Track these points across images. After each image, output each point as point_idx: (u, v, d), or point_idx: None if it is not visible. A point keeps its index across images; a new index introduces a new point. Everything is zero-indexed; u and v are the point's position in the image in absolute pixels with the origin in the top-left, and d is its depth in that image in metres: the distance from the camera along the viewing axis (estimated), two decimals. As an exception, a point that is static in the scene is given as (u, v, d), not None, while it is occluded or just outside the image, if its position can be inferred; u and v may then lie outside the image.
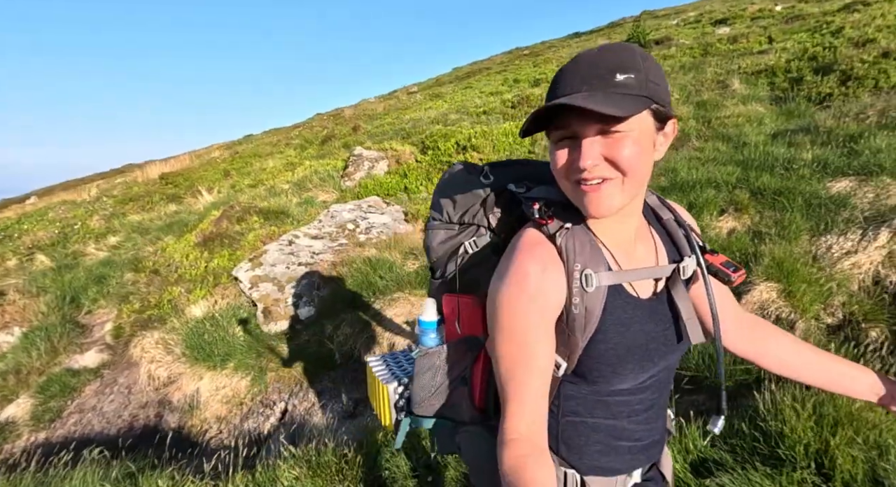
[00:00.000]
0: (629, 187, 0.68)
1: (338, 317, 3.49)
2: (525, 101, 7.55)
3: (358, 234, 4.33)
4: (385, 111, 12.25)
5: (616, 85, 0.63)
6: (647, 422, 0.82)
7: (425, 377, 0.93)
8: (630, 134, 0.65)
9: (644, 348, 0.76)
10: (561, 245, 0.72)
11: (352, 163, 6.50)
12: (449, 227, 0.90)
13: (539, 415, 0.71)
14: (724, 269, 0.79)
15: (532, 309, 0.69)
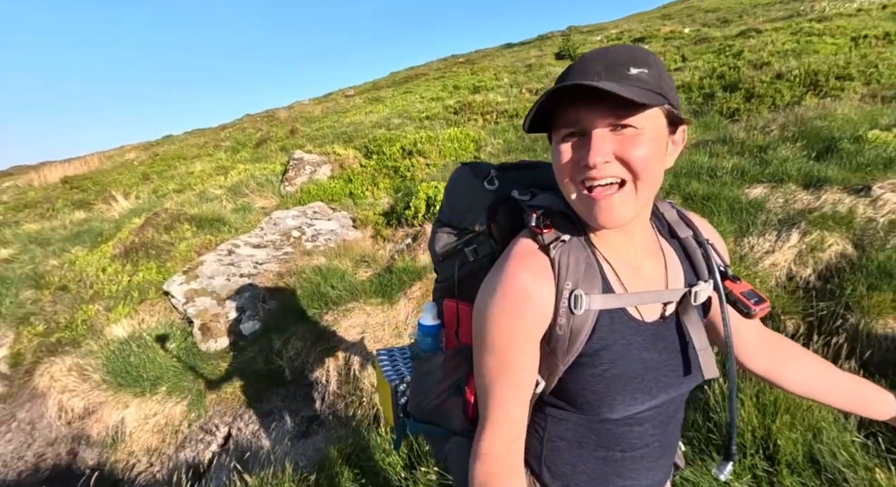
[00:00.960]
0: (643, 193, 0.62)
1: (287, 331, 3.30)
2: (467, 108, 7.66)
3: (304, 242, 4.13)
4: (323, 114, 11.87)
5: (630, 78, 0.60)
6: (647, 459, 0.75)
7: (420, 382, 0.90)
8: (644, 131, 0.60)
9: (640, 378, 0.69)
10: (554, 258, 0.67)
11: (292, 168, 6.21)
12: (451, 232, 0.87)
13: (517, 432, 0.68)
14: (744, 299, 0.71)
15: (517, 323, 0.66)
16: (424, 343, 0.89)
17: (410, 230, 4.02)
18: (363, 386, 2.88)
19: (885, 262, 2.63)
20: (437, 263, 0.92)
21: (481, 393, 0.70)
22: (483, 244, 0.82)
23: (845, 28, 7.95)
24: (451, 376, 0.84)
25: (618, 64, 0.60)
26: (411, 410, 0.93)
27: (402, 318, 3.08)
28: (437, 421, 0.88)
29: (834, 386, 0.82)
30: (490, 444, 0.67)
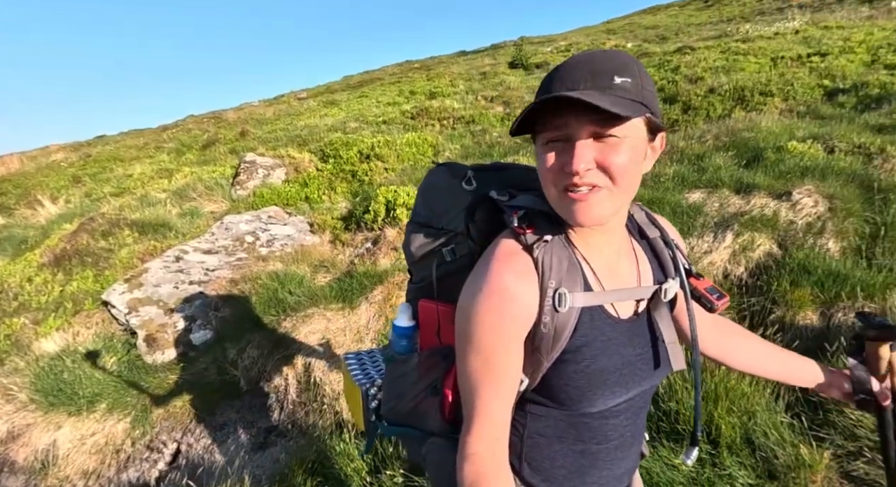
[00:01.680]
0: (619, 197, 0.65)
1: (242, 339, 3.17)
2: (424, 113, 7.72)
3: (259, 247, 3.99)
4: (275, 116, 11.52)
5: (614, 87, 0.61)
6: (620, 450, 0.79)
7: (395, 384, 0.90)
8: (625, 140, 0.62)
9: (618, 373, 0.72)
10: (537, 257, 0.68)
11: (244, 171, 5.98)
12: (427, 232, 0.87)
13: (502, 431, 0.69)
14: (707, 295, 0.76)
15: (502, 322, 0.66)
16: (399, 345, 0.88)
17: (370, 234, 3.99)
18: (325, 392, 2.82)
19: (804, 260, 2.92)
20: (412, 264, 0.92)
21: (466, 394, 0.71)
22: (461, 244, 0.82)
23: (765, 49, 8.75)
24: (428, 377, 0.83)
25: (603, 73, 0.61)
26: (385, 413, 0.92)
27: (364, 323, 3.06)
28: (414, 423, 0.88)
29: (772, 363, 0.91)
30: (476, 444, 0.67)
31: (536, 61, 12.47)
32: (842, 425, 1.80)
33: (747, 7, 20.58)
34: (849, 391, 0.88)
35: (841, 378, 0.89)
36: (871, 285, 2.70)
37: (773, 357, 0.91)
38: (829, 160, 3.80)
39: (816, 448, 1.73)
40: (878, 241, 3.07)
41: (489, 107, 7.93)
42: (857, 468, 1.68)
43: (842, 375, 0.89)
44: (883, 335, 0.82)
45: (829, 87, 6.16)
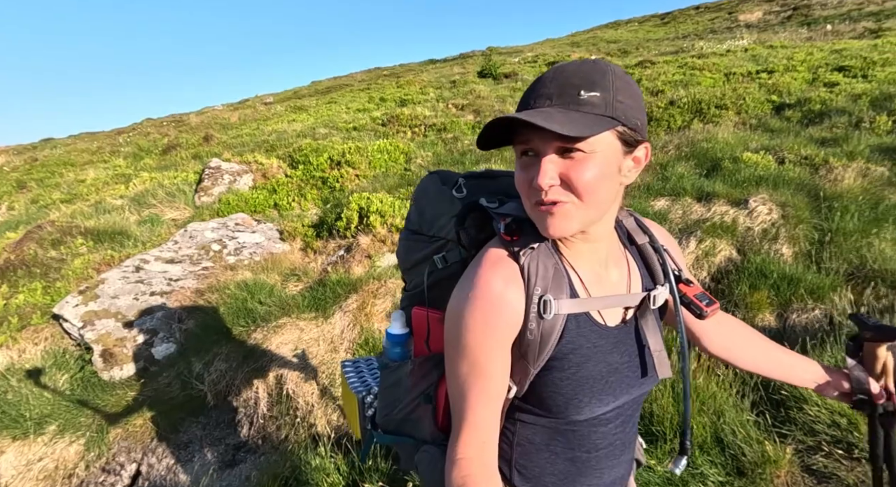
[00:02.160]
0: (587, 212, 0.65)
1: (209, 352, 3.04)
2: (395, 120, 7.71)
3: (226, 256, 3.85)
4: (241, 121, 11.21)
5: (580, 102, 0.61)
6: (610, 458, 0.79)
7: (389, 391, 0.90)
8: (592, 156, 0.62)
9: (604, 380, 0.72)
10: (524, 264, 0.69)
11: (208, 176, 5.78)
12: (419, 239, 0.88)
13: (490, 436, 0.70)
14: (696, 301, 0.76)
15: (489, 327, 0.67)
16: (393, 352, 0.88)
17: (343, 242, 3.93)
18: (298, 405, 2.74)
19: (761, 265, 3.09)
20: (405, 271, 0.93)
21: (454, 399, 0.71)
22: (452, 251, 0.82)
23: (719, 65, 9.27)
24: (421, 384, 0.84)
25: (570, 87, 0.62)
26: (380, 421, 0.92)
27: (338, 332, 3.00)
28: (407, 431, 0.88)
29: (774, 362, 0.92)
30: (465, 448, 0.68)
31: (505, 71, 12.71)
32: (802, 421, 1.90)
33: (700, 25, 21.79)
34: (847, 391, 0.89)
35: (840, 378, 0.89)
36: (820, 287, 2.88)
37: (775, 356, 0.92)
38: (780, 170, 4.05)
39: (780, 445, 1.82)
40: (825, 246, 3.28)
41: (460, 115, 8.00)
42: (817, 461, 1.78)
43: (841, 376, 0.90)
44: (879, 336, 0.84)
45: (777, 102, 6.58)
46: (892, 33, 10.44)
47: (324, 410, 2.73)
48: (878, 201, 3.55)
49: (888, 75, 6.77)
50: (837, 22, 14.16)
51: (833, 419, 1.84)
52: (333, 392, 2.79)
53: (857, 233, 3.26)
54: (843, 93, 6.21)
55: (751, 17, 20.33)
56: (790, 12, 18.94)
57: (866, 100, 5.78)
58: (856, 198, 3.56)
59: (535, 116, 0.59)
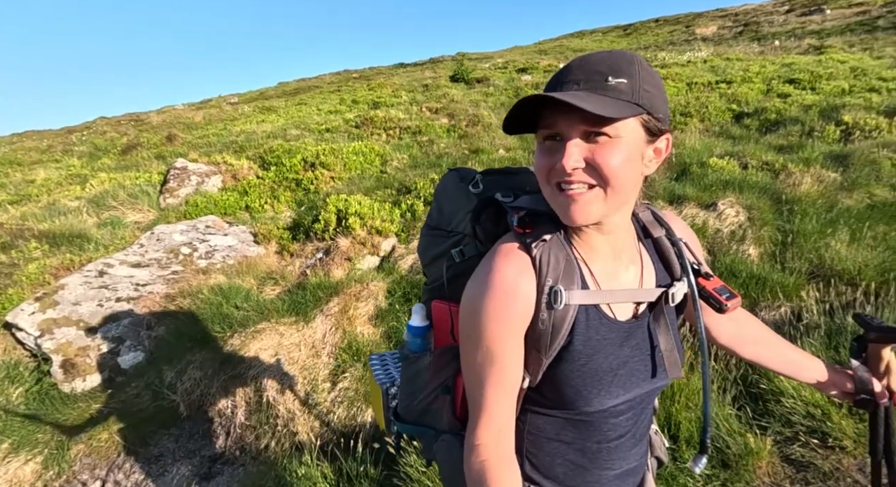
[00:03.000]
0: (612, 198, 0.65)
1: (181, 360, 2.89)
2: (369, 122, 7.63)
3: (197, 260, 3.69)
4: (206, 121, 10.81)
5: (607, 88, 0.61)
6: (621, 450, 0.79)
7: (409, 382, 0.91)
8: (617, 140, 0.63)
9: (613, 373, 0.72)
10: (536, 256, 0.70)
11: (174, 177, 5.53)
12: (438, 235, 0.89)
13: (507, 424, 0.71)
14: (716, 295, 0.75)
15: (503, 316, 0.68)
16: (414, 343, 0.89)
17: (321, 244, 3.84)
18: (279, 413, 2.64)
19: (730, 265, 3.23)
20: (425, 266, 0.94)
21: (470, 388, 0.72)
22: (469, 245, 0.83)
23: (681, 75, 9.70)
24: (440, 375, 0.85)
25: (597, 73, 0.62)
26: (401, 412, 0.94)
27: (320, 337, 2.92)
28: (427, 421, 0.89)
29: (781, 358, 0.94)
30: (481, 435, 0.70)
31: (477, 76, 12.84)
32: (779, 413, 1.99)
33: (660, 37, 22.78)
34: (850, 390, 0.90)
35: (843, 378, 0.91)
36: (786, 286, 3.04)
37: (783, 352, 0.94)
38: (744, 175, 4.26)
39: (760, 437, 1.90)
40: (788, 247, 3.47)
41: (434, 118, 8.01)
42: (795, 451, 1.86)
43: (844, 375, 0.91)
44: (884, 337, 0.86)
45: (737, 111, 6.94)
46: (833, 50, 11.23)
47: (307, 417, 2.65)
48: (832, 205, 3.80)
49: (833, 88, 7.28)
50: (784, 38, 15.13)
51: (808, 410, 1.93)
52: (316, 397, 2.71)
53: (815, 234, 3.46)
54: (795, 104, 6.62)
55: (706, 31, 21.42)
56: (742, 28, 20.09)
57: (816, 110, 6.19)
58: (813, 202, 3.80)
59: (566, 97, 0.59)
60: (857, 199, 3.89)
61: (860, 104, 6.11)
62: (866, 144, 4.80)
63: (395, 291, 3.22)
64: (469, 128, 7.51)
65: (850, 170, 4.27)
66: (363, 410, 2.65)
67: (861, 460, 1.79)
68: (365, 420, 2.60)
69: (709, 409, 0.81)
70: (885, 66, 8.62)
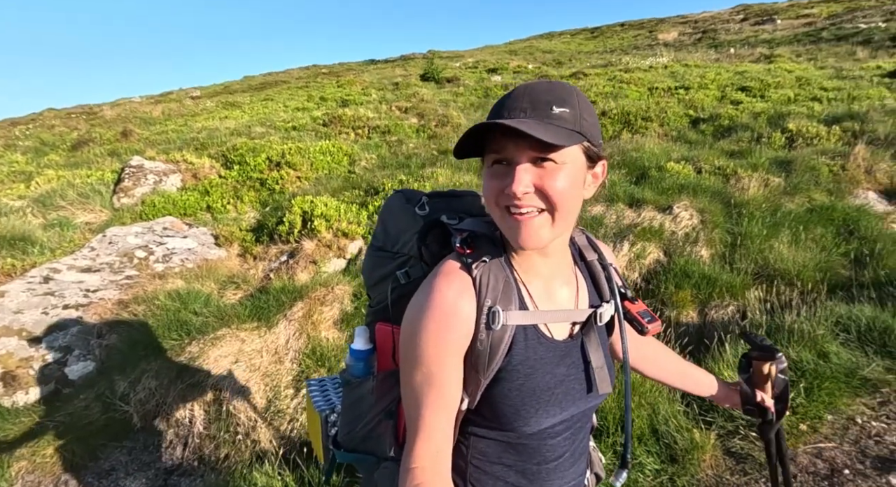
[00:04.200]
0: (559, 222, 0.68)
1: (135, 369, 2.79)
2: (337, 121, 7.53)
3: (153, 263, 3.55)
4: (165, 116, 10.37)
5: (552, 116, 0.64)
6: (560, 470, 0.80)
7: (351, 408, 0.89)
8: (563, 166, 0.65)
9: (550, 392, 0.74)
10: (476, 277, 0.71)
11: (129, 176, 5.29)
12: (383, 256, 0.90)
13: (444, 446, 0.71)
14: (639, 318, 0.80)
15: (443, 336, 0.68)
16: (356, 368, 0.87)
17: (286, 247, 3.77)
18: (239, 421, 2.59)
19: (684, 266, 3.39)
20: (369, 288, 0.94)
21: (409, 409, 0.72)
22: (415, 267, 0.84)
23: (643, 80, 10.03)
24: (383, 400, 0.84)
25: (542, 102, 0.65)
26: (342, 439, 0.91)
27: (283, 342, 2.88)
28: (369, 448, 0.87)
29: (679, 375, 1.04)
30: (418, 457, 0.68)
31: (447, 76, 12.87)
32: (722, 408, 2.11)
33: (625, 41, 23.47)
34: (738, 402, 1.01)
35: (732, 391, 1.03)
36: (734, 286, 3.22)
37: (682, 371, 1.04)
38: (698, 179, 4.46)
39: (705, 431, 2.01)
40: (736, 249, 3.67)
41: (404, 117, 7.98)
42: (735, 444, 1.98)
43: (733, 389, 1.03)
44: (765, 355, 0.96)
45: (693, 116, 7.25)
46: (782, 59, 11.88)
47: (269, 425, 2.61)
48: (776, 208, 4.03)
49: (779, 97, 7.71)
50: (739, 46, 15.88)
51: (748, 404, 2.06)
52: (279, 404, 2.68)
53: (761, 236, 3.67)
54: (746, 111, 6.98)
55: (668, 36, 22.21)
56: (700, 34, 20.95)
57: (764, 118, 6.54)
58: (759, 206, 4.02)
59: (519, 125, 0.62)
60: (799, 203, 4.15)
61: (804, 112, 6.51)
62: (807, 151, 5.13)
63: (361, 294, 3.21)
64: (438, 128, 7.52)
65: (793, 175, 4.55)
66: (327, 416, 2.64)
67: (793, 451, 1.93)
68: (329, 426, 2.59)
69: (629, 428, 0.86)
70: (827, 76, 9.20)
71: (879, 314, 2.51)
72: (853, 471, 1.82)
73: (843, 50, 13.01)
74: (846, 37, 14.71)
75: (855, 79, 8.66)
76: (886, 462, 1.83)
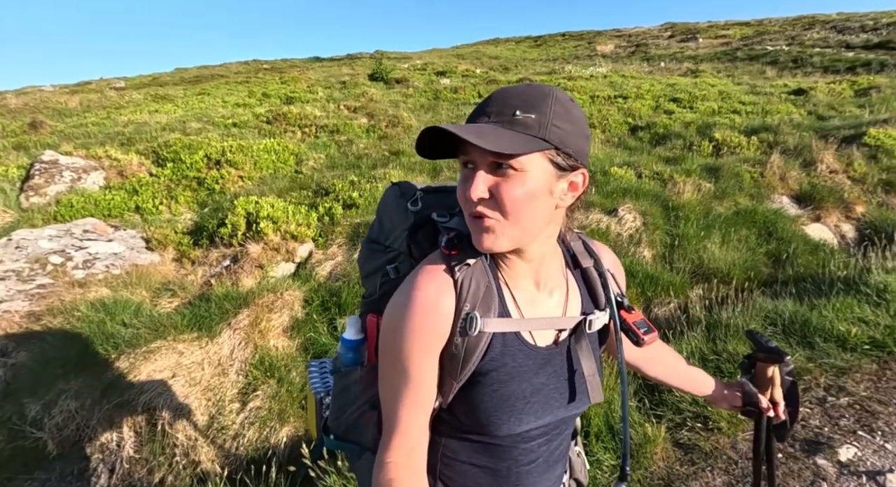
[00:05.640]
0: (511, 229, 0.65)
1: (51, 390, 2.47)
2: (282, 119, 7.20)
3: (72, 270, 3.18)
4: (83, 107, 9.42)
5: (514, 122, 0.62)
6: (534, 474, 0.79)
7: (339, 396, 0.90)
8: (522, 174, 0.63)
9: (525, 400, 0.72)
10: (458, 279, 0.70)
11: (40, 172, 4.73)
12: (376, 249, 0.89)
13: (419, 442, 0.72)
14: (635, 329, 0.77)
15: (421, 334, 0.67)
16: (346, 357, 0.88)
17: (228, 251, 3.52)
18: (177, 441, 2.37)
19: (629, 266, 3.55)
20: (363, 278, 0.94)
21: (385, 403, 0.72)
22: (404, 263, 0.82)
23: (585, 88, 10.50)
24: (369, 391, 0.83)
25: (508, 106, 0.63)
26: (331, 425, 0.93)
27: (227, 353, 2.67)
28: (354, 437, 0.88)
29: (679, 376, 1.02)
30: (393, 453, 0.69)
31: (396, 76, 12.75)
32: (671, 402, 2.22)
33: (566, 50, 24.50)
34: (738, 403, 1.00)
35: (732, 392, 1.01)
36: (675, 285, 3.41)
37: (681, 372, 1.02)
38: (639, 183, 4.71)
39: (656, 425, 2.10)
40: (675, 249, 3.91)
41: (353, 117, 7.79)
42: (683, 436, 2.09)
43: (733, 390, 1.01)
44: (771, 358, 0.95)
45: (632, 124, 7.68)
46: (705, 74, 12.94)
47: (211, 443, 2.41)
48: (708, 211, 4.35)
49: (706, 108, 8.37)
50: (668, 60, 17.11)
51: (694, 398, 2.18)
52: (223, 420, 2.48)
53: (696, 238, 3.94)
54: (678, 121, 7.50)
55: (605, 48, 23.47)
56: (634, 48, 22.35)
57: (694, 127, 7.06)
58: (694, 209, 4.32)
59: (464, 130, 0.60)
60: (727, 207, 4.50)
61: (727, 123, 7.10)
62: (732, 159, 5.59)
63: (312, 300, 3.06)
64: (389, 128, 7.41)
65: (721, 180, 4.93)
66: (277, 430, 2.48)
67: (733, 439, 2.06)
68: (279, 441, 2.43)
69: (627, 439, 0.84)
70: (743, 91, 10.12)
71: (799, 308, 2.77)
72: (785, 455, 1.98)
73: (755, 68, 14.41)
74: (757, 57, 16.30)
75: (767, 95, 9.60)
76: (812, 445, 2.00)
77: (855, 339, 2.44)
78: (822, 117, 7.62)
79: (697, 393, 1.03)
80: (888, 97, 8.49)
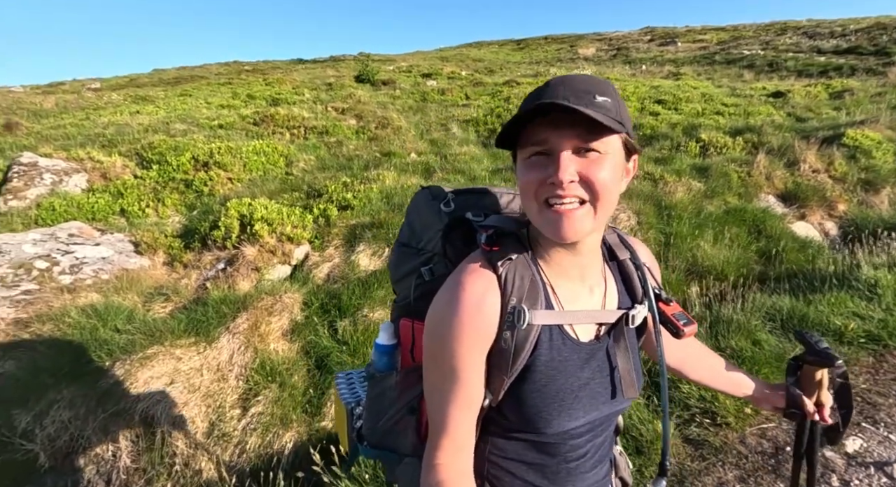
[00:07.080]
0: (601, 214, 0.66)
1: (42, 400, 2.37)
2: (270, 120, 7.09)
3: (59, 276, 3.06)
4: (60, 108, 9.13)
5: (596, 105, 0.62)
6: (581, 471, 0.78)
7: (374, 402, 0.89)
8: (606, 156, 0.64)
9: (574, 395, 0.72)
10: (501, 274, 0.69)
11: (19, 175, 4.55)
12: (408, 252, 0.88)
13: (467, 443, 0.71)
14: (674, 321, 0.76)
15: (467, 333, 0.67)
16: (380, 362, 0.87)
17: (222, 253, 3.44)
18: (176, 450, 2.30)
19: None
20: (394, 283, 0.93)
21: (431, 406, 0.72)
22: (439, 264, 0.82)
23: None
24: (405, 395, 0.83)
25: (584, 91, 0.63)
26: (365, 433, 0.91)
27: (226, 358, 2.61)
28: (390, 444, 0.87)
29: (722, 378, 0.99)
30: (440, 454, 0.69)
31: (383, 78, 12.70)
32: (679, 398, 2.24)
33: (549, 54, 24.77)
34: (782, 405, 0.96)
35: (776, 394, 0.97)
36: (671, 283, 3.46)
37: (723, 373, 0.99)
38: (632, 183, 4.78)
39: (666, 419, 2.11)
40: (669, 247, 3.96)
41: (342, 118, 7.71)
42: (692, 432, 2.11)
43: (775, 391, 0.97)
44: (821, 361, 0.91)
45: (619, 126, 7.78)
46: (686, 77, 13.23)
47: (212, 451, 2.34)
48: (700, 210, 4.43)
49: (691, 110, 8.54)
50: (649, 63, 17.43)
51: (701, 394, 2.20)
52: (224, 427, 2.41)
53: (689, 236, 4.01)
54: (664, 122, 7.63)
55: (587, 51, 23.81)
56: (615, 51, 22.71)
57: (680, 128, 7.20)
58: (686, 208, 4.39)
59: (570, 102, 0.60)
60: (717, 205, 4.59)
61: (712, 124, 7.26)
62: (719, 159, 5.71)
63: (311, 303, 3.01)
64: (379, 130, 7.36)
65: (710, 180, 5.03)
66: (280, 436, 2.42)
67: (741, 434, 2.09)
68: (284, 446, 2.38)
69: (667, 433, 0.83)
70: (724, 93, 10.37)
71: (796, 304, 2.83)
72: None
73: (733, 72, 14.80)
74: (734, 61, 16.75)
75: (747, 97, 9.85)
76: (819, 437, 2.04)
77: (851, 333, 2.51)
78: (801, 119, 7.86)
79: (737, 394, 1.00)
80: (861, 99, 8.81)
